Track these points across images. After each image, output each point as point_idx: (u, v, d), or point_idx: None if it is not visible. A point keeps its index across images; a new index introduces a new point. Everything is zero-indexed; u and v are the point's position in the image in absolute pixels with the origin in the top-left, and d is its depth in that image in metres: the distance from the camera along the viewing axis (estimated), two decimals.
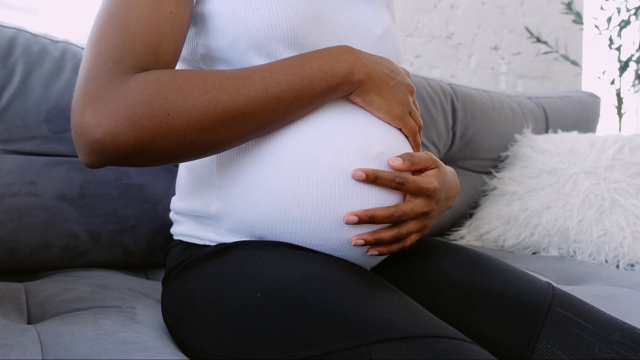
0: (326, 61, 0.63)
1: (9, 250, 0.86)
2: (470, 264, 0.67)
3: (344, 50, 0.65)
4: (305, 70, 0.62)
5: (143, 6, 0.60)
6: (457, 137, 1.49)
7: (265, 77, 0.60)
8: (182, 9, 0.63)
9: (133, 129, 0.55)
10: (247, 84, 0.59)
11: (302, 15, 0.66)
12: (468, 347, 0.48)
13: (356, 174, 0.61)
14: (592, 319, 0.58)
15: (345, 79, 0.63)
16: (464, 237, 1.42)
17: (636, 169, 1.27)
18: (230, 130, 0.59)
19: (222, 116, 0.58)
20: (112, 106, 0.55)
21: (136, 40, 0.58)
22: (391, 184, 0.62)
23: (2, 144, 0.88)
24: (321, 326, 0.51)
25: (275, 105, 0.60)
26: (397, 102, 0.67)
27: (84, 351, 0.56)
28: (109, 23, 0.59)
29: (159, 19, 0.60)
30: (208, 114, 0.57)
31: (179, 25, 0.62)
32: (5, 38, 0.89)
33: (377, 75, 0.66)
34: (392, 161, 0.63)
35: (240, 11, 0.65)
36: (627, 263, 1.18)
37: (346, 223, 0.61)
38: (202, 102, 0.57)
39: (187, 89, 0.57)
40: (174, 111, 0.56)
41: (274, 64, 0.62)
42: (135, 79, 0.57)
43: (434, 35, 2.82)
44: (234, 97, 0.58)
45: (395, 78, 0.68)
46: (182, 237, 0.73)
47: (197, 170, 0.71)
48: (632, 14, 2.70)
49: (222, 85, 0.58)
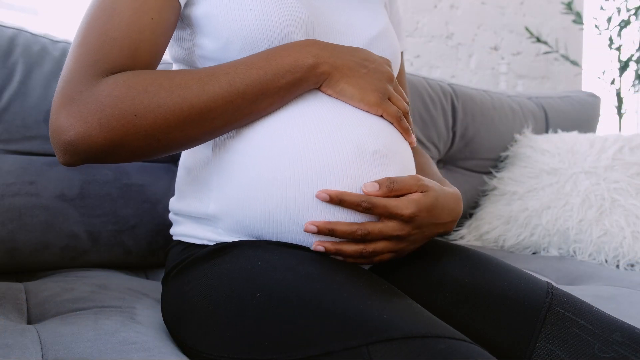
0: (290, 54, 0.63)
1: (9, 250, 0.86)
2: (470, 264, 0.67)
3: (310, 43, 0.65)
4: (269, 64, 0.62)
5: (126, 12, 0.61)
6: (457, 137, 1.49)
7: (230, 73, 0.61)
8: (165, 15, 0.64)
9: (103, 130, 0.57)
10: (212, 81, 0.60)
11: (295, 17, 0.67)
12: (468, 347, 0.48)
13: (320, 195, 0.60)
14: (592, 319, 0.58)
15: (309, 72, 0.63)
16: (464, 237, 1.42)
17: (636, 169, 1.27)
18: (197, 127, 0.61)
19: (188, 114, 0.59)
20: (83, 108, 0.58)
21: (114, 45, 0.60)
22: (357, 208, 0.61)
23: (2, 144, 0.88)
24: (321, 326, 0.51)
25: (240, 100, 0.61)
26: (371, 90, 0.66)
27: (84, 351, 0.56)
28: (91, 27, 0.61)
29: (140, 25, 0.62)
30: (174, 113, 0.59)
31: (160, 32, 0.63)
32: (5, 38, 0.89)
33: (345, 65, 0.65)
34: (365, 187, 0.62)
35: (234, 13, 0.65)
36: (627, 263, 1.18)
37: (305, 231, 0.61)
38: (167, 101, 0.58)
39: (153, 89, 0.58)
40: (141, 112, 0.58)
41: (240, 60, 0.63)
42: (106, 81, 0.59)
43: (434, 35, 2.82)
44: (198, 95, 0.59)
45: (368, 66, 0.67)
46: (181, 238, 0.73)
47: (195, 171, 0.71)
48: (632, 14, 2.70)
49: (188, 84, 0.59)
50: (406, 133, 0.70)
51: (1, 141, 0.88)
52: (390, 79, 0.70)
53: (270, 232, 0.64)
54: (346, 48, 0.68)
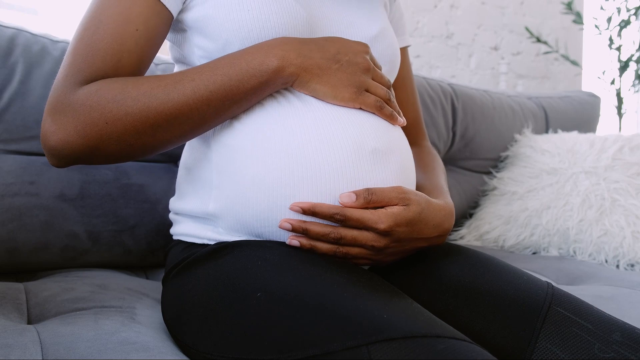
0: (255, 57, 0.63)
1: (9, 250, 0.86)
2: (470, 264, 0.67)
3: (276, 44, 0.64)
4: (233, 68, 0.62)
5: (110, 23, 0.64)
6: (457, 137, 1.49)
7: (195, 80, 0.62)
8: (151, 26, 0.66)
9: (79, 137, 0.62)
10: (177, 89, 0.62)
11: (293, 17, 0.67)
12: (468, 347, 0.48)
13: (293, 207, 0.61)
14: (592, 319, 0.58)
15: (275, 75, 0.63)
16: (464, 237, 1.42)
17: (636, 169, 1.27)
18: (166, 131, 0.63)
19: (155, 120, 0.62)
20: (63, 117, 0.62)
21: (97, 55, 0.63)
22: (331, 219, 0.61)
23: (2, 144, 0.88)
24: (321, 326, 0.51)
25: (206, 107, 0.62)
26: (344, 85, 0.65)
27: (84, 351, 0.56)
28: (80, 37, 0.65)
29: (123, 36, 0.64)
30: (141, 120, 0.61)
31: (144, 42, 0.66)
32: (5, 38, 0.89)
33: (313, 63, 0.64)
34: (342, 197, 0.61)
35: (231, 14, 0.65)
36: (627, 263, 1.18)
37: (279, 227, 0.62)
38: (134, 110, 0.61)
39: (121, 98, 0.61)
40: (110, 120, 0.61)
41: (207, 64, 0.64)
42: (82, 90, 0.62)
43: (434, 35, 2.82)
44: (164, 102, 0.61)
45: (341, 60, 0.66)
46: (181, 237, 0.73)
47: (195, 170, 0.71)
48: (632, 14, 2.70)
49: (153, 92, 0.62)
50: (390, 118, 0.69)
51: (1, 141, 0.88)
52: (365, 69, 0.67)
53: (270, 230, 0.64)
54: (317, 43, 0.66)
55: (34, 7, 1.94)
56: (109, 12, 0.64)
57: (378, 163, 0.64)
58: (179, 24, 0.71)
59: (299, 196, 0.62)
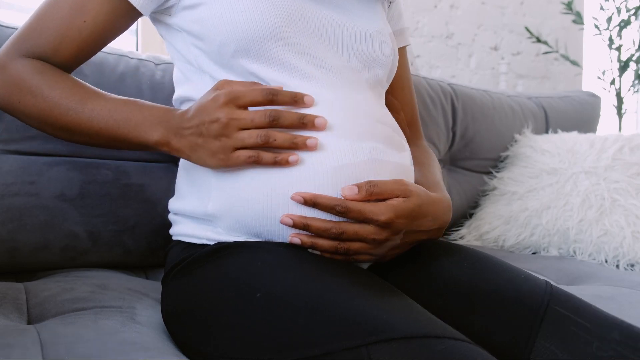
0: (144, 123, 0.67)
1: (9, 250, 0.86)
2: (469, 263, 0.67)
3: (162, 119, 0.67)
4: (126, 122, 0.67)
5: (64, 8, 0.70)
6: (457, 137, 1.49)
7: (95, 111, 0.68)
8: (100, 21, 0.70)
9: (3, 100, 0.72)
10: (77, 109, 0.68)
11: (287, 15, 0.67)
12: (467, 348, 0.49)
13: (295, 197, 0.61)
14: (591, 318, 0.58)
15: (155, 146, 0.67)
16: (464, 237, 1.42)
17: (636, 169, 1.27)
18: (66, 136, 0.71)
19: (55, 123, 0.70)
20: None
21: (43, 33, 0.71)
22: (332, 211, 0.61)
23: (2, 144, 0.88)
24: (320, 326, 0.51)
25: (96, 136, 0.69)
26: (210, 156, 0.64)
27: (84, 351, 0.56)
28: (37, 11, 0.72)
29: (70, 23, 0.70)
30: (44, 117, 0.70)
31: (88, 34, 0.71)
32: (5, 38, 0.89)
33: (186, 142, 0.65)
34: (344, 190, 0.61)
35: (226, 16, 0.65)
36: (627, 263, 1.18)
37: (281, 223, 0.62)
38: (40, 107, 0.69)
39: (34, 90, 0.69)
40: (22, 102, 0.70)
41: (112, 102, 0.69)
42: (16, 63, 0.71)
43: (434, 35, 2.82)
44: (63, 114, 0.69)
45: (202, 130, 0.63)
46: (180, 237, 0.73)
47: (193, 171, 0.71)
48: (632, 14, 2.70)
49: (60, 101, 0.68)
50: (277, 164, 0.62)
51: (1, 141, 0.88)
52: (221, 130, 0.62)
53: (269, 229, 0.64)
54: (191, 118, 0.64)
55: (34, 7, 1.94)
56: None
57: (377, 162, 0.64)
58: (171, 27, 0.71)
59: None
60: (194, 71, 0.71)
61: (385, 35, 0.76)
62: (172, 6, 0.69)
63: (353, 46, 0.72)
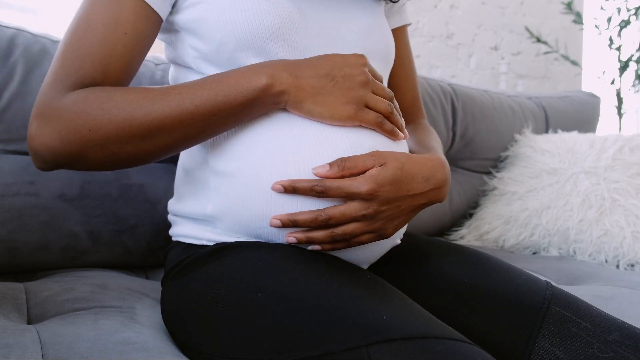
0: (245, 75, 0.62)
1: (9, 250, 0.86)
2: (469, 263, 0.67)
3: (267, 64, 0.63)
4: (221, 84, 0.61)
5: (99, 27, 0.64)
6: (457, 137, 1.49)
7: (182, 93, 0.61)
8: (140, 28, 0.65)
9: (62, 143, 0.61)
10: (162, 100, 0.61)
11: (286, 14, 0.67)
12: (467, 348, 0.49)
13: (275, 187, 0.60)
14: (591, 319, 0.58)
15: (263, 92, 0.61)
16: (464, 237, 1.42)
17: (636, 169, 1.27)
18: (149, 142, 0.62)
19: (137, 131, 0.61)
20: (48, 121, 0.62)
21: (86, 60, 0.63)
22: (311, 192, 0.60)
23: (2, 144, 0.88)
24: (320, 327, 0.51)
25: (190, 120, 0.61)
26: (341, 103, 0.63)
27: (84, 351, 0.56)
28: (69, 42, 0.65)
29: (113, 41, 0.64)
30: (124, 129, 0.61)
31: (133, 46, 0.65)
32: (5, 38, 0.89)
33: (307, 83, 0.62)
34: (315, 169, 0.61)
35: (225, 15, 0.65)
36: (627, 263, 1.18)
37: (270, 226, 0.61)
38: (118, 118, 0.61)
39: (107, 106, 0.61)
40: (94, 127, 0.61)
41: (196, 81, 0.63)
42: (69, 96, 0.62)
43: (434, 35, 2.82)
44: (148, 113, 0.61)
45: (336, 76, 0.63)
46: (180, 238, 0.73)
47: (193, 172, 0.71)
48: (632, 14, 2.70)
49: (139, 102, 0.61)
50: (391, 134, 0.66)
51: (1, 141, 0.88)
52: (363, 82, 0.64)
53: (269, 231, 0.64)
54: (309, 62, 0.64)
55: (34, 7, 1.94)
56: (98, 16, 0.64)
57: None
58: (171, 25, 0.71)
59: (296, 196, 0.62)
60: (190, 71, 0.71)
61: (379, 28, 0.76)
62: (174, 3, 0.69)
63: (352, 42, 0.72)
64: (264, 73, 0.61)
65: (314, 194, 0.60)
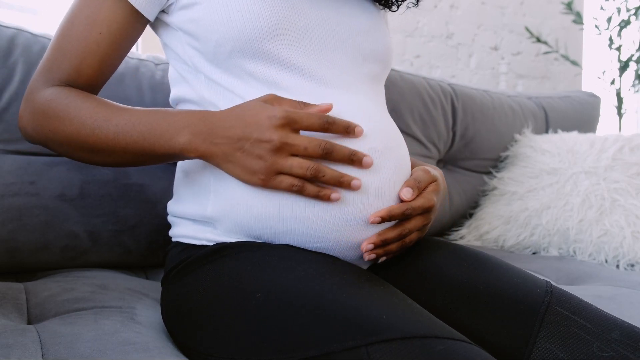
0: (168, 130, 0.64)
1: (9, 250, 0.86)
2: (468, 263, 0.67)
3: (190, 120, 0.63)
4: (149, 131, 0.64)
5: (79, 26, 0.69)
6: (457, 137, 1.49)
7: (119, 126, 0.65)
8: (117, 28, 0.69)
9: (34, 132, 0.71)
10: (103, 127, 0.66)
11: (283, 15, 0.67)
12: (467, 348, 0.49)
13: (374, 220, 0.63)
14: (591, 318, 0.58)
15: (181, 153, 0.64)
16: (464, 237, 1.42)
17: (636, 169, 1.27)
18: (95, 157, 0.69)
19: (83, 145, 0.67)
20: (26, 108, 0.71)
21: (65, 56, 0.70)
22: (402, 217, 0.65)
23: (2, 144, 0.88)
24: (320, 327, 0.51)
25: (123, 153, 0.66)
26: (249, 173, 0.61)
27: (84, 351, 0.56)
28: (55, 38, 0.71)
29: (88, 39, 0.69)
30: (73, 141, 0.68)
31: (107, 45, 0.70)
32: (5, 38, 0.90)
33: (219, 150, 0.61)
34: (403, 194, 0.65)
35: (220, 16, 0.65)
36: (627, 263, 1.18)
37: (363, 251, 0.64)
38: (67, 130, 0.67)
39: (62, 116, 0.67)
40: (52, 130, 0.68)
41: (136, 114, 0.66)
42: (45, 93, 0.69)
43: (434, 35, 2.82)
44: (90, 134, 0.66)
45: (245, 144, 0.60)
46: (180, 239, 0.73)
47: (192, 174, 0.71)
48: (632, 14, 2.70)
49: (86, 121, 0.66)
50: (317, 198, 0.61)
51: (1, 141, 0.88)
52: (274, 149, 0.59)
53: (269, 232, 0.64)
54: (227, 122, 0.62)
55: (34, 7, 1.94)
56: (79, 14, 0.69)
57: (375, 162, 0.64)
58: (168, 25, 0.71)
59: (296, 197, 0.62)
60: (189, 71, 0.71)
61: (377, 30, 0.76)
62: (170, 5, 0.69)
63: (349, 42, 0.72)
64: (184, 135, 0.63)
65: (404, 216, 0.65)
